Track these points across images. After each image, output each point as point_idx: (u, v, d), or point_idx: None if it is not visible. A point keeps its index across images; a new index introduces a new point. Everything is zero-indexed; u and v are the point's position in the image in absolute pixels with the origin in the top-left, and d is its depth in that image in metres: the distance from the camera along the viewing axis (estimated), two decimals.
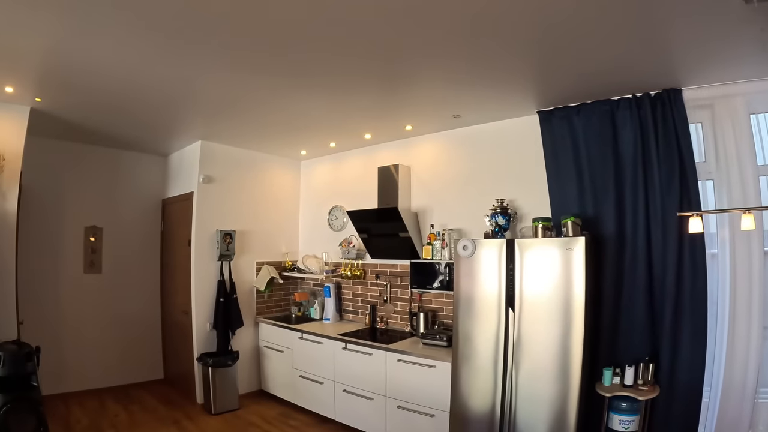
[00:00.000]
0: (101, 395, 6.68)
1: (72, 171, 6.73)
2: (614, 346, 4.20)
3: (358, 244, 6.39)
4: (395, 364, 5.00)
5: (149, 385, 7.25)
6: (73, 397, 6.53)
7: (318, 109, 5.04)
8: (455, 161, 5.57)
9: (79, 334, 6.74)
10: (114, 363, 7.07)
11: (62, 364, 6.53)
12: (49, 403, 5.61)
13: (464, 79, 4.10)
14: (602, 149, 4.30)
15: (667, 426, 3.90)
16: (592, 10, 2.88)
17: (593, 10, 2.88)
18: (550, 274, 3.91)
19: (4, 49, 3.67)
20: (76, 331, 6.72)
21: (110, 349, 7.03)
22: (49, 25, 3.25)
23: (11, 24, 3.24)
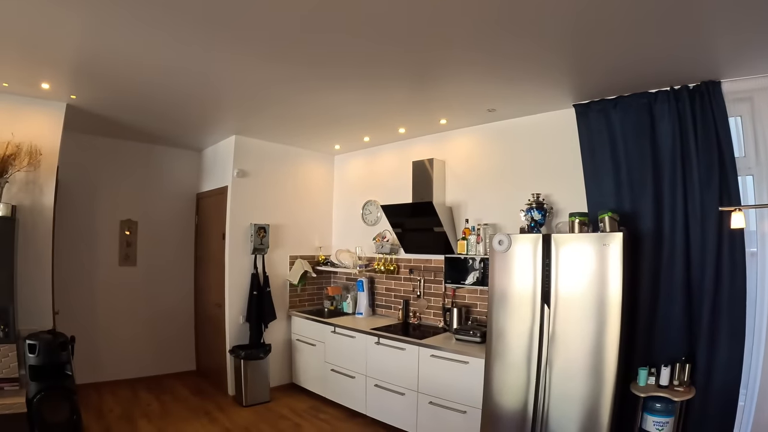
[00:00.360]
0: (134, 385, 6.77)
1: (107, 166, 6.83)
2: (650, 345, 4.08)
3: (392, 238, 6.36)
4: (428, 359, 4.95)
5: (181, 376, 7.33)
6: (107, 386, 6.62)
7: (352, 103, 5.03)
8: (490, 155, 5.51)
9: (113, 325, 6.84)
10: (147, 354, 7.16)
11: (96, 354, 6.64)
12: (82, 391, 5.70)
13: (499, 72, 4.03)
14: (640, 143, 4.19)
15: (702, 428, 3.77)
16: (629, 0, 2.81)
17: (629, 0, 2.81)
18: (586, 270, 3.82)
19: (40, 47, 3.74)
20: (111, 322, 6.82)
21: (143, 341, 7.13)
22: (84, 22, 3.29)
23: (47, 22, 3.29)
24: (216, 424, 5.50)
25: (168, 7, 3.04)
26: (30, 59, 4.00)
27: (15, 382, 4.58)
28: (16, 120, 4.85)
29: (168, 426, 5.40)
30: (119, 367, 6.90)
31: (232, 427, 5.43)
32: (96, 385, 6.58)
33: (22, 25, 3.32)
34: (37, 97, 4.95)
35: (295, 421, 5.69)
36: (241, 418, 5.71)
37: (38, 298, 4.97)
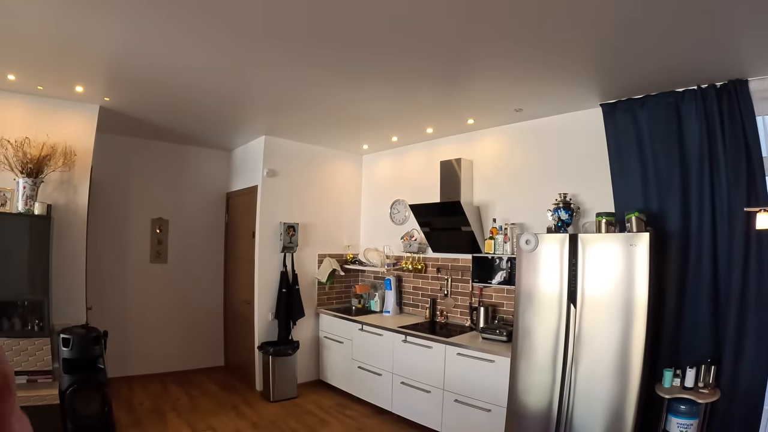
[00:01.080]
0: (163, 379, 6.90)
1: (139, 165, 6.98)
2: (675, 346, 4.02)
3: (420, 237, 6.38)
4: (454, 357, 4.96)
5: (210, 372, 7.45)
6: (137, 380, 6.77)
7: (380, 104, 5.07)
8: (517, 155, 5.50)
9: (144, 320, 6.97)
10: (177, 349, 7.29)
11: (128, 348, 6.78)
12: (114, 384, 5.83)
13: (526, 72, 4.02)
14: (667, 142, 4.13)
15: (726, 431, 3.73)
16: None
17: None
18: (612, 270, 3.80)
19: (75, 52, 3.85)
20: (142, 318, 6.96)
21: (174, 336, 7.26)
22: (118, 27, 3.38)
23: (81, 27, 3.39)
24: (244, 419, 5.57)
25: (201, 12, 3.11)
26: (64, 63, 4.12)
27: (49, 374, 4.71)
28: (51, 122, 5.00)
29: (196, 420, 5.49)
30: (149, 362, 7.03)
31: (260, 422, 5.50)
32: (127, 378, 6.72)
33: (57, 30, 3.43)
34: (71, 100, 5.09)
35: (322, 417, 5.73)
36: (269, 413, 5.77)
37: (72, 293, 5.10)
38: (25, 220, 4.57)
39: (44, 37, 3.57)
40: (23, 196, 4.56)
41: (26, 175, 4.57)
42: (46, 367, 4.69)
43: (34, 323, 4.63)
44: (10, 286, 4.52)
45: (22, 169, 4.57)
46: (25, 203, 4.56)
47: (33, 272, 4.61)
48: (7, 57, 3.99)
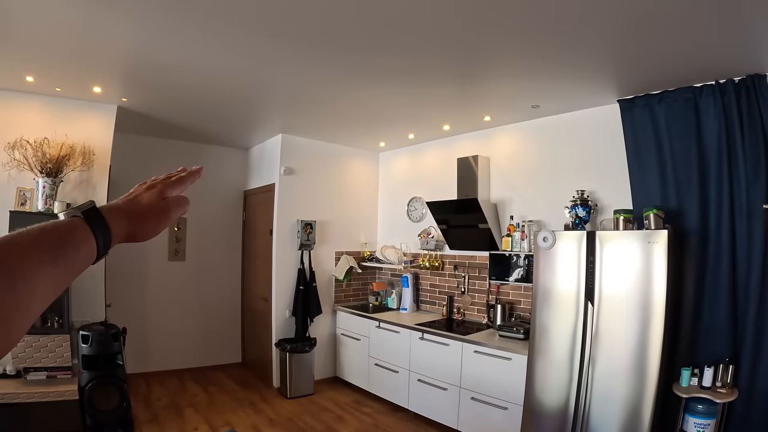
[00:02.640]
0: (181, 376, 6.96)
1: (157, 164, 6.91)
2: (693, 345, 3.97)
3: (437, 235, 6.37)
4: (471, 355, 4.95)
5: (227, 368, 7.50)
6: (155, 376, 6.84)
7: (397, 101, 5.06)
8: (534, 152, 5.47)
9: (162, 317, 7.04)
10: (195, 346, 7.35)
11: (146, 345, 6.85)
12: (132, 381, 5.90)
13: (543, 68, 3.99)
14: (685, 139, 4.07)
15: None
16: None
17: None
18: (630, 267, 3.77)
19: (91, 53, 3.90)
20: (160, 315, 7.02)
21: (192, 333, 7.31)
22: (133, 29, 3.42)
23: (99, 30, 3.43)
24: (260, 415, 5.61)
25: (218, 12, 3.13)
26: (82, 65, 4.17)
27: (68, 370, 4.79)
28: (69, 122, 5.07)
29: (214, 416, 5.53)
30: (167, 358, 7.09)
31: (276, 418, 5.53)
32: (145, 375, 6.79)
33: (75, 32, 3.48)
34: (89, 100, 5.16)
35: (338, 413, 5.75)
36: (285, 410, 5.80)
37: (92, 291, 5.16)
38: (46, 218, 4.59)
39: (62, 40, 3.61)
40: (43, 196, 4.63)
41: (46, 174, 4.65)
42: (65, 364, 4.78)
43: (54, 320, 4.69)
44: None
45: (41, 169, 4.64)
46: (44, 202, 4.63)
47: None
48: (25, 59, 4.05)
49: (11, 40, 3.62)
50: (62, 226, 0.69)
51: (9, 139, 4.68)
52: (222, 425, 5.26)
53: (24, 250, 0.61)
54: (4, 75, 4.44)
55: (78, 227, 0.70)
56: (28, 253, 0.62)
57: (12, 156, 4.64)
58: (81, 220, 0.71)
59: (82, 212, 0.72)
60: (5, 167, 4.67)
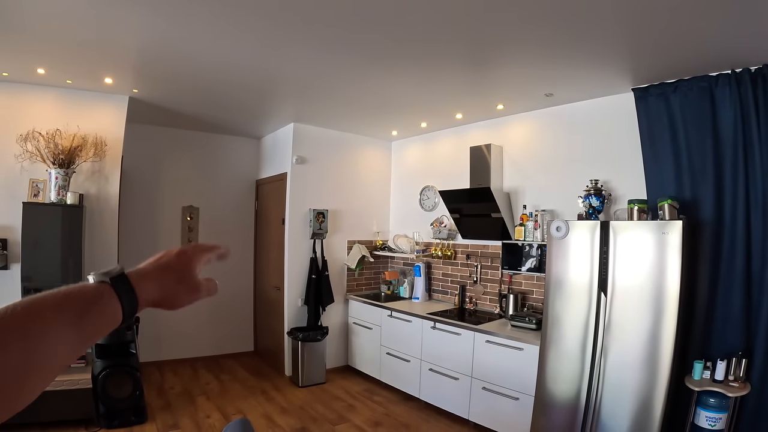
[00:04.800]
0: (194, 364, 7.03)
1: (169, 154, 7.06)
2: (706, 338, 3.93)
3: (450, 224, 6.34)
4: (483, 345, 4.94)
5: (240, 357, 7.55)
6: (168, 364, 6.91)
7: (409, 90, 5.01)
8: (548, 140, 5.42)
9: None
10: (207, 334, 7.40)
11: (159, 333, 6.90)
12: (145, 369, 5.99)
13: (556, 55, 3.93)
14: (700, 128, 4.00)
15: (756, 427, 3.62)
16: None
17: None
18: (644, 258, 3.73)
19: (103, 44, 3.90)
20: None
21: (204, 322, 7.35)
22: (144, 19, 3.41)
23: (109, 20, 3.43)
24: (272, 403, 5.64)
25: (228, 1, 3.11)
26: (94, 56, 4.18)
27: (81, 359, 4.84)
28: (81, 114, 5.10)
29: (226, 404, 5.57)
30: (180, 347, 7.16)
31: (288, 407, 5.56)
32: (158, 363, 6.86)
33: (85, 24, 3.48)
34: (101, 92, 5.18)
35: (350, 402, 5.77)
36: (297, 398, 5.83)
37: None
38: (58, 209, 4.67)
39: (73, 31, 3.62)
40: (55, 187, 4.66)
41: (58, 166, 4.68)
42: None
43: None
44: (45, 274, 4.62)
45: (54, 160, 4.67)
46: (57, 193, 4.65)
47: (66, 260, 4.71)
48: (36, 51, 4.06)
49: (22, 32, 3.63)
50: (89, 291, 0.70)
51: (21, 131, 4.72)
52: (234, 413, 5.29)
53: (47, 314, 0.62)
54: (16, 67, 4.47)
55: (105, 294, 0.71)
56: (51, 317, 0.62)
57: (24, 148, 4.68)
58: (109, 286, 0.72)
59: (110, 278, 0.73)
60: (18, 159, 4.71)
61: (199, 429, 4.87)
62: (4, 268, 4.68)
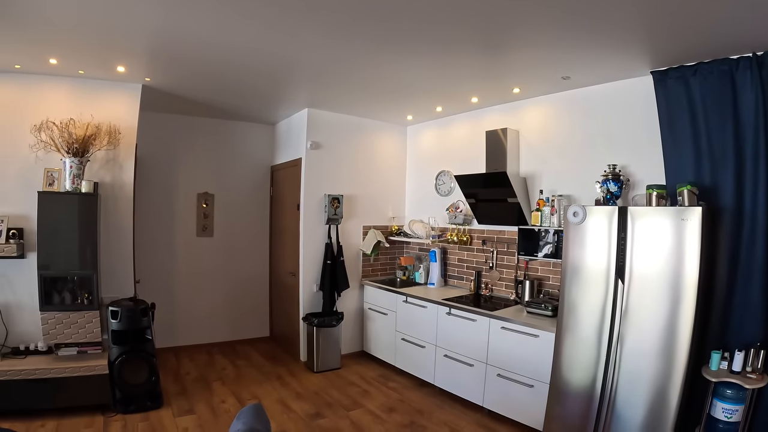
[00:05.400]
0: (210, 350, 7.10)
1: (183, 142, 7.08)
2: (724, 328, 3.84)
3: (466, 209, 6.30)
4: (498, 331, 4.91)
5: (255, 342, 7.61)
6: (184, 350, 6.98)
7: (424, 74, 4.94)
8: (565, 125, 5.32)
9: (191, 293, 7.14)
10: (223, 320, 7.46)
11: (175, 320, 6.97)
12: (161, 355, 6.04)
13: (575, 38, 3.83)
14: (721, 112, 3.88)
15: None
16: None
17: None
18: (662, 245, 3.66)
19: (114, 32, 3.88)
20: (189, 290, 7.12)
21: (220, 308, 7.41)
22: (154, 6, 3.37)
23: (121, 8, 3.40)
24: (287, 389, 5.67)
25: None
26: (106, 44, 4.18)
27: (98, 346, 4.91)
28: (94, 102, 5.12)
29: (241, 389, 5.61)
30: (196, 333, 7.21)
31: (303, 392, 5.58)
32: (174, 349, 6.94)
33: (98, 12, 3.46)
34: (114, 80, 5.20)
35: (364, 388, 5.78)
36: (312, 384, 5.86)
37: (120, 268, 5.28)
38: (74, 198, 4.70)
39: (84, 20, 3.61)
40: (70, 175, 4.69)
41: (72, 154, 4.71)
42: (95, 339, 4.87)
43: (83, 297, 4.78)
44: (61, 262, 4.69)
45: (68, 149, 4.71)
46: (72, 182, 4.69)
47: (83, 248, 4.75)
48: (48, 41, 4.06)
49: (34, 22, 3.62)
50: None
51: (35, 121, 4.77)
52: (249, 398, 5.32)
53: None
54: (28, 58, 4.48)
55: None
56: None
57: (39, 138, 4.72)
58: None
59: None
60: (32, 149, 4.75)
61: (214, 414, 4.90)
62: (21, 256, 4.72)
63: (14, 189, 4.82)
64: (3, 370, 4.36)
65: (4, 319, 4.77)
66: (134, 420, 4.65)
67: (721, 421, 3.55)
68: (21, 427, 4.24)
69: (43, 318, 4.66)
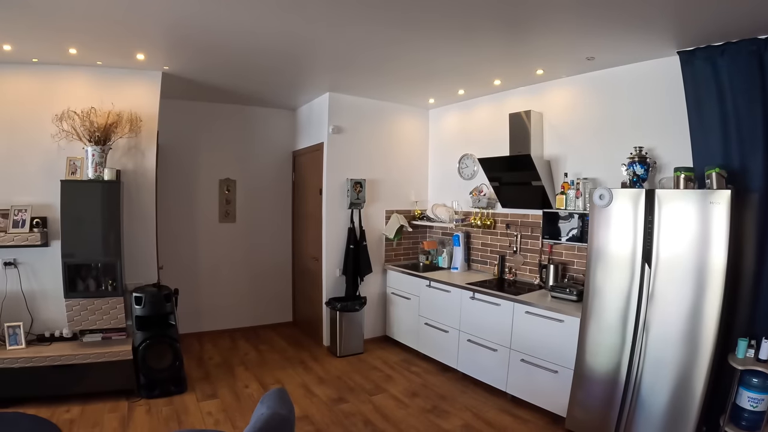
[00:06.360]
0: (233, 335, 7.16)
1: (205, 128, 7.10)
2: (752, 315, 3.74)
3: (489, 192, 6.23)
4: (522, 316, 4.86)
5: (278, 327, 7.67)
6: (207, 336, 7.05)
7: (446, 56, 4.86)
8: (589, 106, 5.22)
9: (214, 278, 7.20)
10: (246, 306, 7.52)
11: (198, 305, 7.04)
12: (185, 340, 6.08)
13: (599, 16, 3.71)
14: (749, 94, 3.75)
15: None
16: None
17: None
18: (689, 229, 3.58)
19: (134, 19, 3.87)
20: (212, 276, 7.18)
21: (243, 293, 7.48)
22: None
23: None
24: (310, 373, 5.70)
25: None
26: (126, 32, 4.17)
27: (122, 331, 4.96)
28: (115, 91, 5.15)
29: (264, 374, 5.64)
30: (219, 318, 7.29)
31: (326, 376, 5.60)
32: (197, 334, 7.01)
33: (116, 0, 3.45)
34: (133, 68, 5.22)
35: (387, 372, 5.79)
36: (335, 368, 5.88)
37: (144, 254, 5.33)
38: (97, 186, 4.73)
39: (103, 8, 3.59)
40: (93, 164, 4.73)
41: (94, 143, 4.75)
42: (119, 325, 4.92)
43: (108, 283, 4.83)
44: (85, 250, 4.73)
45: (90, 137, 4.74)
46: (94, 170, 4.73)
47: (106, 235, 4.79)
48: (67, 31, 4.08)
49: (53, 11, 3.62)
50: None
51: (57, 111, 4.80)
52: (272, 383, 5.34)
53: None
54: (48, 49, 4.51)
55: None
56: None
57: (60, 127, 4.76)
58: None
59: None
60: (54, 139, 4.79)
61: (237, 399, 4.93)
62: (45, 245, 4.78)
63: (37, 179, 4.87)
64: (28, 357, 4.43)
65: (29, 306, 4.84)
66: (158, 404, 4.69)
67: (746, 410, 3.50)
68: (46, 413, 4.29)
69: (67, 305, 4.70)
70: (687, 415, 3.56)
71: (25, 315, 4.81)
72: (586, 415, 4.22)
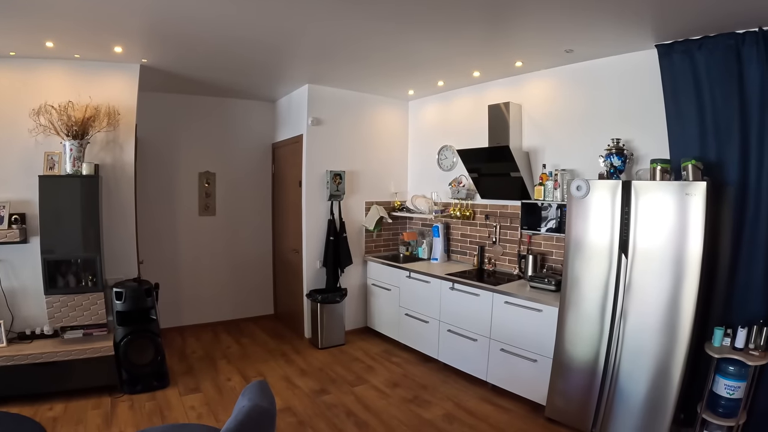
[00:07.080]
0: (215, 329, 7.15)
1: (183, 121, 7.04)
2: (728, 304, 3.84)
3: (468, 184, 6.27)
4: (502, 306, 4.91)
5: (260, 320, 7.68)
6: (189, 329, 7.04)
7: (425, 47, 4.86)
8: (568, 99, 5.27)
9: (195, 272, 7.17)
10: (227, 299, 7.50)
11: (180, 299, 7.01)
12: (166, 335, 6.12)
13: (578, 8, 3.74)
14: (726, 87, 3.82)
15: None
16: None
17: None
18: (666, 220, 3.65)
19: (109, 12, 3.83)
20: (193, 270, 7.15)
21: (224, 286, 7.45)
22: None
23: None
24: (292, 366, 5.71)
25: None
26: (102, 24, 4.13)
27: (103, 327, 4.94)
28: (92, 84, 5.10)
29: (246, 367, 5.65)
30: (201, 312, 7.27)
31: (308, 369, 5.62)
32: (179, 328, 6.99)
33: None
34: (111, 61, 5.17)
35: (368, 363, 5.83)
36: (317, 360, 5.90)
37: (124, 249, 5.30)
38: (75, 181, 4.69)
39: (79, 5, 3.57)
40: (70, 158, 4.69)
41: (72, 137, 4.70)
42: (100, 321, 4.89)
43: (88, 279, 4.81)
44: (65, 245, 4.69)
45: (67, 132, 4.70)
46: (72, 165, 4.69)
47: (86, 230, 4.75)
48: (43, 24, 4.03)
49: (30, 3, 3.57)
50: None
51: (33, 105, 4.74)
52: (255, 376, 5.36)
53: None
54: (24, 42, 4.46)
55: None
56: None
57: (38, 122, 4.71)
58: None
59: None
60: (32, 133, 4.74)
61: (220, 392, 4.94)
62: (24, 241, 4.75)
63: (15, 174, 4.81)
64: (10, 355, 4.39)
65: (9, 304, 4.80)
66: (141, 400, 4.68)
67: (723, 398, 3.59)
68: (29, 411, 4.26)
69: (48, 302, 4.68)
70: (665, 402, 3.64)
71: (6, 313, 4.76)
72: (565, 404, 4.29)
